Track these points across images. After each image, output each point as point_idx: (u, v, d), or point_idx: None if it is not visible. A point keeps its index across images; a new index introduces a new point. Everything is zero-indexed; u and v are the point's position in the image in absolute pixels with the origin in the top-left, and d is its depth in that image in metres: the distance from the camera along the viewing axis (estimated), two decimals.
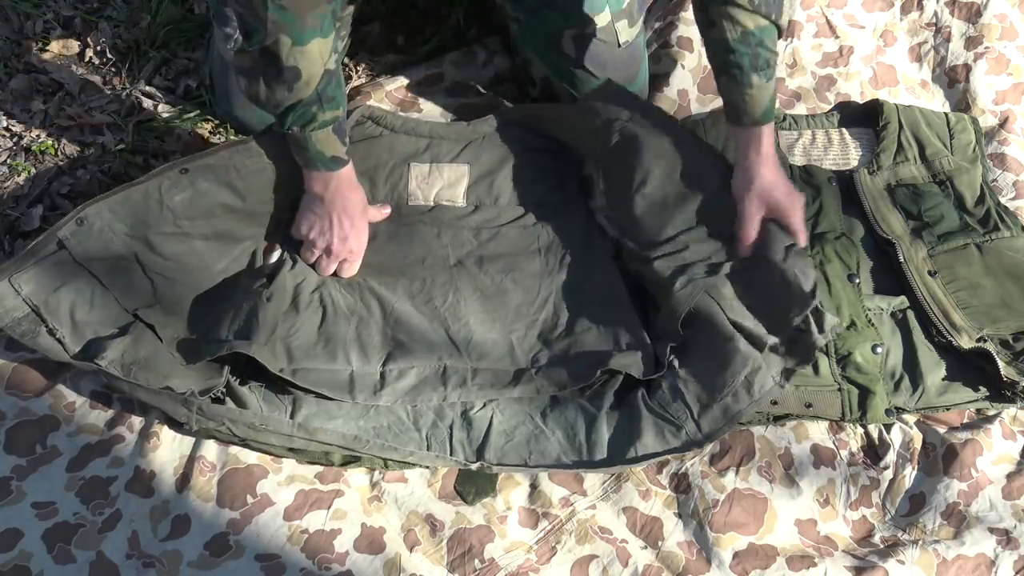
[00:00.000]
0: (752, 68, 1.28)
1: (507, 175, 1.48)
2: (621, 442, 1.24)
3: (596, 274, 1.39)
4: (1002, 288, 1.37)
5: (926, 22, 1.70)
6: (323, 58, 1.22)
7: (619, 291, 1.37)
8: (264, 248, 1.41)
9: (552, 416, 1.27)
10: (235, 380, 1.24)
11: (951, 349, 1.33)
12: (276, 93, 1.24)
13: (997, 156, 1.55)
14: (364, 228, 1.39)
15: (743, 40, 1.26)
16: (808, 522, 1.23)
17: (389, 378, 1.29)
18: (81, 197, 1.49)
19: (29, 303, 1.24)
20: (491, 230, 1.45)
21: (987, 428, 1.29)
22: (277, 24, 1.16)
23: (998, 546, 1.20)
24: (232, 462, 1.21)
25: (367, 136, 1.46)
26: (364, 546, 1.17)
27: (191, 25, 1.69)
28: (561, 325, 1.35)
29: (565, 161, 1.50)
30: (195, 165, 1.35)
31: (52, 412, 1.24)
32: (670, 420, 1.25)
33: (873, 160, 1.52)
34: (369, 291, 1.38)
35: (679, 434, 1.24)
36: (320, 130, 1.28)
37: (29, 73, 1.64)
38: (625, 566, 1.19)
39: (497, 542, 1.20)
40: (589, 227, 1.45)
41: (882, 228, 1.43)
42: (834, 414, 1.29)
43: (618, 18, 1.44)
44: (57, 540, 1.14)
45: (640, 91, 1.54)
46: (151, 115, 1.59)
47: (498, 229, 1.45)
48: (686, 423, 1.24)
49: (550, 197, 1.48)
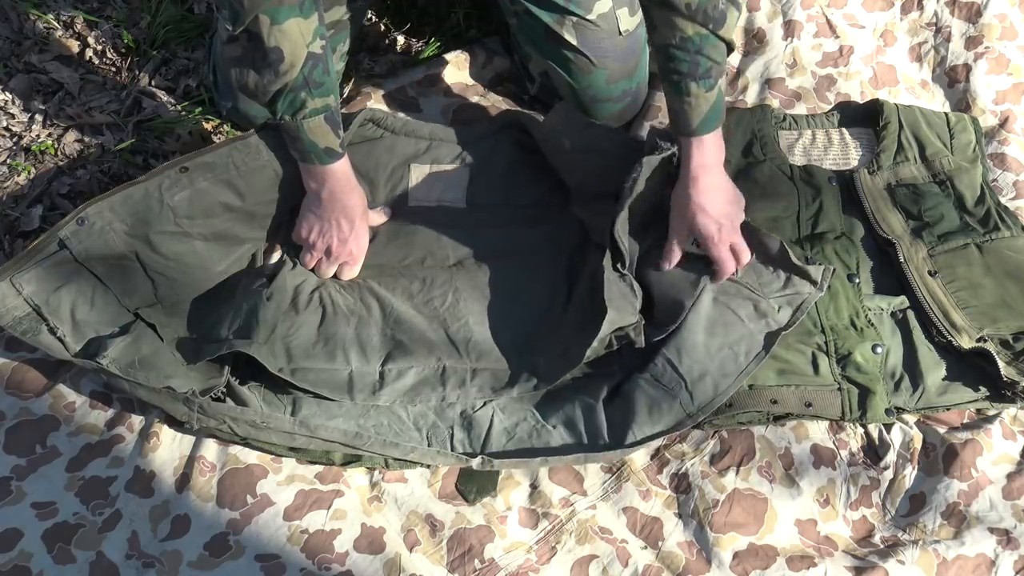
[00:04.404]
0: (690, 75, 1.28)
1: (507, 176, 1.48)
2: (619, 427, 1.25)
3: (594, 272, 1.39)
4: (1002, 288, 1.37)
5: (926, 22, 1.70)
6: (305, 39, 1.23)
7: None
8: (264, 249, 1.41)
9: (552, 410, 1.28)
10: (235, 380, 1.25)
11: (951, 349, 1.33)
12: (263, 77, 1.26)
13: (997, 156, 1.55)
14: (364, 231, 1.39)
15: (681, 46, 1.27)
16: (808, 522, 1.23)
17: (388, 378, 1.29)
18: (81, 197, 1.49)
19: (30, 302, 1.25)
20: (490, 231, 1.45)
21: (987, 428, 1.29)
22: (254, 1, 1.19)
23: (998, 546, 1.20)
24: (232, 462, 1.21)
25: (367, 138, 1.46)
26: (364, 546, 1.17)
27: (191, 25, 1.69)
28: (560, 324, 1.35)
29: None
30: (195, 163, 1.35)
31: (52, 412, 1.24)
32: (664, 389, 1.26)
33: (873, 160, 1.52)
34: (369, 291, 1.38)
35: (672, 406, 1.25)
36: (311, 118, 1.29)
37: (29, 73, 1.64)
38: (625, 566, 1.19)
39: (497, 542, 1.20)
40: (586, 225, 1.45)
41: (882, 228, 1.43)
42: (834, 414, 1.29)
43: (619, 5, 1.44)
44: (57, 540, 1.14)
45: (640, 86, 1.54)
46: (151, 115, 1.59)
47: (497, 230, 1.45)
48: (680, 393, 1.25)
49: (549, 198, 1.48)
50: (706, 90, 1.29)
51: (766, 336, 1.30)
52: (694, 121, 1.31)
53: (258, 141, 1.36)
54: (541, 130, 1.44)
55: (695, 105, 1.30)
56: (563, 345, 1.31)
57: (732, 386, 1.26)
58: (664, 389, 1.26)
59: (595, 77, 1.48)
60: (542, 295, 1.39)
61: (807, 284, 1.34)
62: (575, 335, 1.31)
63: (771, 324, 1.31)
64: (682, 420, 1.25)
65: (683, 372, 1.26)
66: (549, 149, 1.45)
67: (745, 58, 1.67)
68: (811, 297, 1.33)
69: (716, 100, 1.31)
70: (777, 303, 1.33)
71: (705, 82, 1.29)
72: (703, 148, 1.33)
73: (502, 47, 1.65)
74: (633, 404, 1.26)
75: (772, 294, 1.33)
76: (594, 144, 1.40)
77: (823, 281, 1.34)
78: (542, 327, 1.36)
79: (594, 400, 1.27)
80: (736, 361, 1.28)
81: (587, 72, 1.47)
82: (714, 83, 1.29)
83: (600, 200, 1.40)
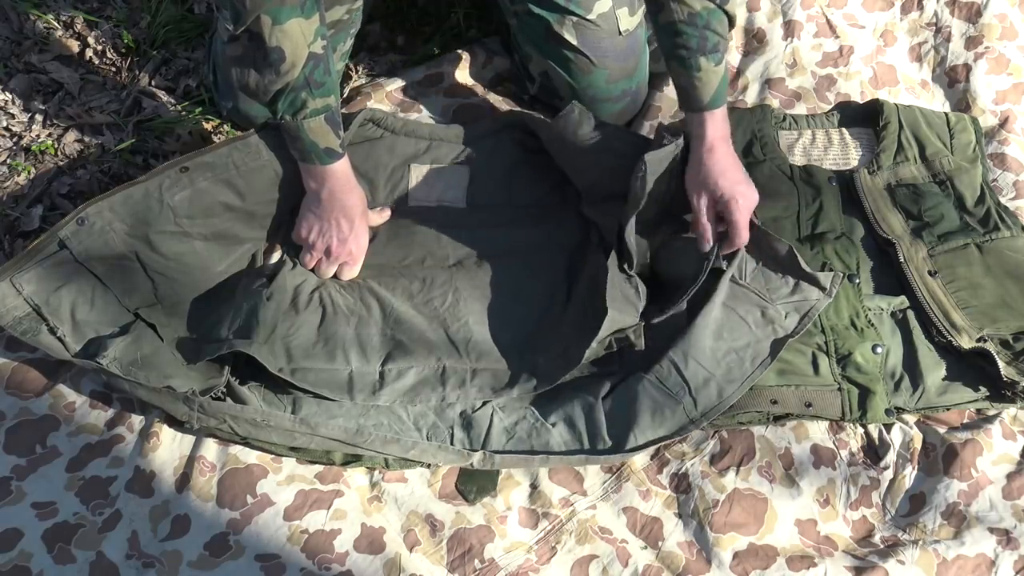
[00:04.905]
0: (700, 51, 1.29)
1: (506, 176, 1.48)
2: (620, 428, 1.25)
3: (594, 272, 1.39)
4: (1002, 288, 1.37)
5: (926, 22, 1.70)
6: (306, 39, 1.23)
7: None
8: (264, 249, 1.41)
9: (551, 409, 1.27)
10: (235, 380, 1.25)
11: (951, 349, 1.33)
12: (265, 77, 1.26)
13: (997, 156, 1.55)
14: (364, 231, 1.39)
15: (690, 21, 1.28)
16: (808, 522, 1.23)
17: (388, 378, 1.29)
18: (81, 197, 1.49)
19: (30, 302, 1.25)
20: (490, 231, 1.45)
21: (987, 428, 1.29)
22: (255, 0, 1.19)
23: (998, 546, 1.20)
24: (232, 462, 1.21)
25: (367, 138, 1.46)
26: (364, 546, 1.17)
27: (191, 25, 1.69)
28: (560, 324, 1.35)
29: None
30: (195, 163, 1.35)
31: (52, 412, 1.24)
32: (667, 393, 1.25)
33: (873, 160, 1.52)
34: (369, 291, 1.38)
35: (675, 411, 1.25)
36: (312, 118, 1.29)
37: (29, 73, 1.64)
38: (625, 566, 1.19)
39: (497, 542, 1.20)
40: (586, 226, 1.45)
41: (882, 228, 1.43)
42: (834, 414, 1.29)
43: (619, 5, 1.44)
44: (57, 540, 1.14)
45: (640, 86, 1.54)
46: (151, 115, 1.59)
47: (497, 230, 1.45)
48: (683, 398, 1.25)
49: (549, 198, 1.48)
50: (715, 64, 1.30)
51: (772, 343, 1.29)
52: (706, 96, 1.32)
53: (258, 141, 1.36)
54: (551, 130, 1.44)
55: (706, 80, 1.31)
56: (563, 345, 1.31)
57: (736, 392, 1.26)
58: (668, 393, 1.26)
59: (595, 77, 1.48)
60: (542, 295, 1.39)
61: (815, 290, 1.33)
62: (575, 335, 1.30)
63: (778, 331, 1.31)
64: (685, 425, 1.25)
65: (688, 377, 1.26)
66: (557, 149, 1.45)
67: (745, 58, 1.66)
68: (819, 304, 1.33)
69: (724, 74, 1.32)
70: (784, 309, 1.32)
71: (714, 56, 1.30)
72: (716, 121, 1.33)
73: (502, 47, 1.65)
74: (636, 407, 1.25)
75: (780, 300, 1.33)
76: (607, 143, 1.40)
77: (832, 287, 1.33)
78: (542, 327, 1.36)
79: (594, 398, 1.27)
80: (742, 367, 1.28)
81: (587, 72, 1.47)
82: (721, 57, 1.31)
83: (611, 200, 1.40)
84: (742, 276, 1.34)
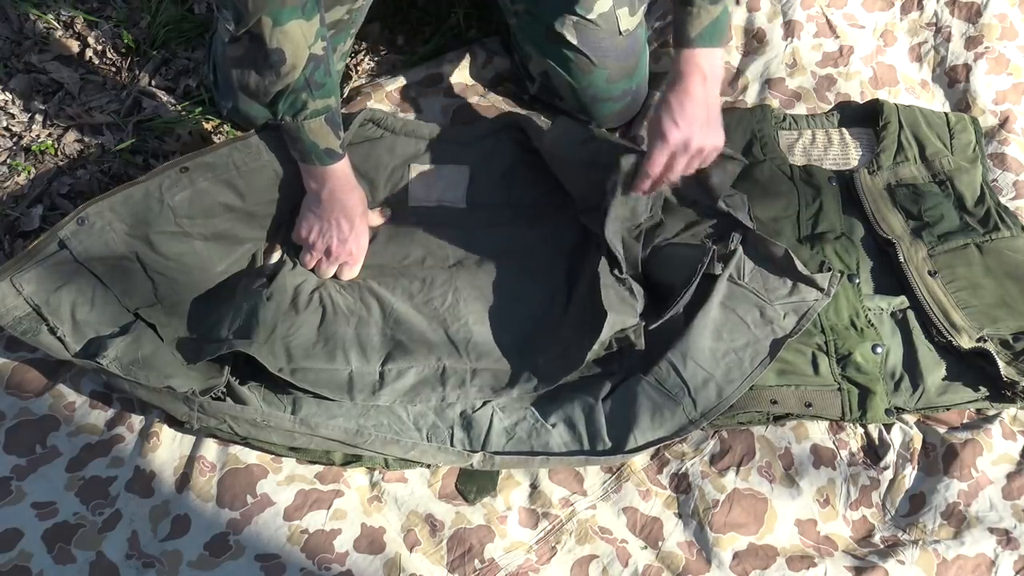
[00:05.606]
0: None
1: (506, 176, 1.48)
2: (620, 429, 1.25)
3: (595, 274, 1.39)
4: (1002, 288, 1.37)
5: (926, 22, 1.70)
6: (306, 40, 1.23)
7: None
8: (264, 249, 1.41)
9: (551, 409, 1.27)
10: (235, 380, 1.25)
11: (951, 349, 1.33)
12: (265, 78, 1.26)
13: (997, 156, 1.55)
14: (364, 231, 1.39)
15: None
16: (808, 522, 1.23)
17: (388, 378, 1.29)
18: (81, 197, 1.49)
19: (30, 302, 1.25)
20: (490, 231, 1.45)
21: (987, 428, 1.29)
22: (257, 2, 1.19)
23: (998, 546, 1.20)
24: (232, 462, 1.21)
25: (368, 138, 1.46)
26: (364, 546, 1.17)
27: (191, 25, 1.69)
28: (560, 324, 1.35)
29: None
30: (195, 163, 1.35)
31: (52, 412, 1.24)
32: (667, 394, 1.25)
33: (873, 160, 1.52)
34: (369, 291, 1.38)
35: (675, 412, 1.25)
36: (312, 119, 1.29)
37: (29, 73, 1.64)
38: (625, 566, 1.19)
39: (497, 542, 1.20)
40: (586, 227, 1.45)
41: (882, 228, 1.43)
42: (834, 414, 1.29)
43: (619, 5, 1.44)
44: (57, 540, 1.14)
45: (640, 86, 1.54)
46: (151, 115, 1.59)
47: (497, 230, 1.45)
48: (683, 399, 1.25)
49: (549, 198, 1.48)
50: (710, 3, 1.27)
51: (771, 343, 1.30)
52: (691, 32, 1.29)
53: (258, 141, 1.36)
54: (543, 143, 1.44)
55: (695, 15, 1.28)
56: (563, 346, 1.31)
57: (736, 393, 1.26)
58: (667, 394, 1.26)
59: (595, 77, 1.48)
60: (542, 295, 1.39)
61: (813, 291, 1.33)
62: (575, 336, 1.31)
63: (776, 331, 1.31)
64: (684, 426, 1.25)
65: (687, 378, 1.26)
66: (550, 159, 1.45)
67: (745, 58, 1.66)
68: (817, 304, 1.33)
69: (718, 17, 1.28)
70: (783, 309, 1.33)
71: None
72: (693, 59, 1.29)
73: (502, 47, 1.65)
74: (635, 408, 1.26)
75: (778, 300, 1.33)
76: (594, 158, 1.40)
77: (830, 287, 1.33)
78: (542, 327, 1.36)
79: (594, 399, 1.27)
80: (741, 367, 1.28)
81: (587, 72, 1.47)
82: (722, 3, 1.28)
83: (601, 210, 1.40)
84: (740, 276, 1.34)
